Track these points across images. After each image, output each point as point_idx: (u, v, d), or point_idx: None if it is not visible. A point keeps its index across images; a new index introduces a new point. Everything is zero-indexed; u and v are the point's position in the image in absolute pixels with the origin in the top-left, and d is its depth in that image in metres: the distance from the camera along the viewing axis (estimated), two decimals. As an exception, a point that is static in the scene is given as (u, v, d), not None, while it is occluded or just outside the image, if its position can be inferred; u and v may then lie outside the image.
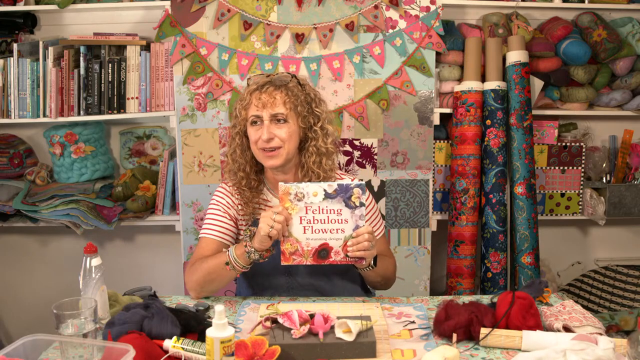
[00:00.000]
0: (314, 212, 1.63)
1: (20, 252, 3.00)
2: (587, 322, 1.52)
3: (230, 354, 1.26)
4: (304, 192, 1.62)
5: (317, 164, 1.81)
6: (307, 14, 2.57)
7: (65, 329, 1.36)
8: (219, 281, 1.77)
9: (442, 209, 2.81)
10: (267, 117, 1.75)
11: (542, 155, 2.81)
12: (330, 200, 1.62)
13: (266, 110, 1.75)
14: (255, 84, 1.79)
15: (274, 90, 1.77)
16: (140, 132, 2.88)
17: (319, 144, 1.81)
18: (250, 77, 1.84)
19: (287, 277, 1.86)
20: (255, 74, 1.85)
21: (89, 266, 1.53)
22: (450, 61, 2.68)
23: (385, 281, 1.89)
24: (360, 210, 1.63)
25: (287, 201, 1.63)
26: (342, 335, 1.43)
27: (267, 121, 1.75)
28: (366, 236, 1.63)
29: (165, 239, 2.93)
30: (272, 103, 1.75)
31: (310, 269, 1.84)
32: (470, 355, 1.45)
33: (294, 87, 1.79)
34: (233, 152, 1.86)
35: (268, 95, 1.75)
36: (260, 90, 1.77)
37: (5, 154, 2.77)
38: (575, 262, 3.08)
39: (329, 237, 1.64)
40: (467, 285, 2.69)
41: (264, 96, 1.75)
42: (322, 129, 1.82)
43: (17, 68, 2.59)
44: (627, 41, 2.74)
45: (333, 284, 1.87)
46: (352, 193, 1.62)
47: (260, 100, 1.75)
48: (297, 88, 1.80)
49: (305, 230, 1.64)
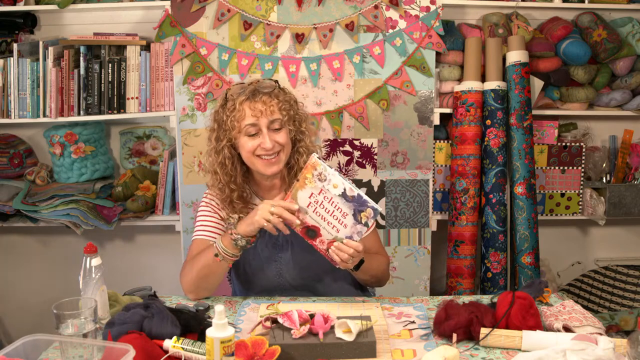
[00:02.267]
0: (325, 199, 1.64)
1: (20, 252, 3.00)
2: (587, 322, 1.52)
3: (230, 354, 1.26)
4: (328, 177, 1.63)
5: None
6: (307, 14, 2.57)
7: (65, 329, 1.36)
8: (212, 276, 1.75)
9: (442, 209, 2.81)
10: (265, 125, 1.75)
11: (542, 155, 2.81)
12: (344, 200, 1.63)
13: (264, 117, 1.75)
14: (242, 94, 1.76)
15: (267, 97, 1.76)
16: (140, 132, 2.88)
17: (307, 144, 1.85)
18: (228, 89, 1.82)
19: (279, 278, 1.85)
20: (233, 85, 1.84)
21: (89, 266, 1.53)
22: (450, 61, 2.68)
23: (376, 280, 1.89)
24: (362, 227, 1.65)
25: (310, 173, 1.64)
26: (342, 335, 1.43)
27: (265, 128, 1.75)
28: (351, 251, 1.64)
29: (165, 239, 2.93)
30: (268, 110, 1.75)
31: (300, 269, 1.84)
32: (470, 355, 1.45)
33: (280, 92, 1.80)
34: (221, 166, 1.81)
35: (262, 103, 1.75)
36: (252, 99, 1.75)
37: (5, 154, 2.77)
38: (575, 262, 3.08)
39: (324, 225, 1.65)
40: (467, 285, 2.69)
41: (258, 105, 1.75)
42: (307, 129, 1.86)
43: (17, 68, 2.59)
44: (627, 41, 2.74)
45: (324, 284, 1.87)
46: (364, 209, 1.63)
47: (256, 109, 1.74)
48: (281, 92, 1.81)
49: (310, 205, 1.65)
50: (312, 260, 1.82)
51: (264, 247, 1.85)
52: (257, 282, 1.87)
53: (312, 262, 1.82)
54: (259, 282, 1.87)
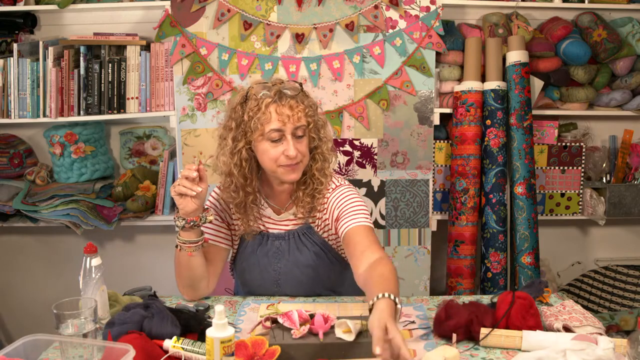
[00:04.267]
0: None
1: (20, 252, 3.00)
2: (587, 322, 1.52)
3: (230, 354, 1.26)
4: None
5: (320, 170, 1.75)
6: (307, 14, 2.57)
7: (65, 329, 1.36)
8: (188, 270, 1.70)
9: (442, 209, 2.81)
10: (290, 131, 1.64)
11: (542, 155, 2.81)
12: None
13: (289, 123, 1.63)
14: (268, 95, 1.64)
15: (294, 102, 1.65)
16: (140, 132, 2.88)
17: (323, 151, 1.75)
18: (251, 87, 1.69)
19: (276, 287, 1.82)
20: (257, 84, 1.69)
21: (89, 266, 1.53)
22: (450, 61, 2.68)
23: None
24: None
25: None
26: (342, 335, 1.43)
27: (289, 135, 1.64)
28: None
29: (165, 239, 2.93)
30: (295, 116, 1.64)
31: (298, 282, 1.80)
32: (470, 355, 1.45)
33: (304, 96, 1.69)
34: (238, 167, 1.69)
35: (289, 108, 1.63)
36: (279, 102, 1.63)
37: (5, 154, 2.77)
38: (575, 262, 3.08)
39: None
40: (467, 285, 2.69)
41: (285, 109, 1.63)
42: (325, 136, 1.76)
43: (17, 68, 2.59)
44: (627, 41, 2.74)
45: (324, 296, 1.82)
46: None
47: (283, 114, 1.62)
48: (306, 97, 1.70)
49: None
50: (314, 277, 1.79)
51: (262, 256, 1.81)
52: (255, 286, 1.86)
53: (313, 279, 1.79)
54: (257, 288, 1.85)
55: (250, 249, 1.82)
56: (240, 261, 1.86)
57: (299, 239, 1.79)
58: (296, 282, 1.80)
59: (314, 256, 1.78)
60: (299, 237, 1.79)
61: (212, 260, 1.79)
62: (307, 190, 1.74)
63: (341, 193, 1.75)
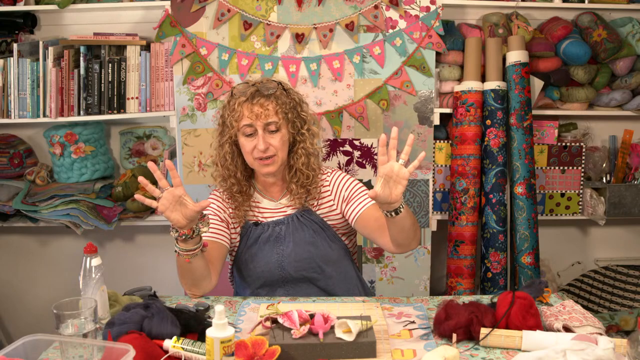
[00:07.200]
0: None
1: (20, 252, 3.00)
2: (587, 322, 1.52)
3: (230, 354, 1.26)
4: None
5: (306, 164, 1.87)
6: (307, 14, 2.57)
7: (65, 329, 1.36)
8: (189, 272, 1.75)
9: (442, 209, 2.81)
10: (261, 127, 1.79)
11: (542, 155, 2.81)
12: None
13: (259, 120, 1.78)
14: (243, 94, 1.80)
15: (265, 100, 1.79)
16: (140, 132, 2.88)
17: (306, 146, 1.87)
18: (235, 87, 1.86)
19: (280, 270, 1.88)
20: (239, 84, 1.88)
21: (89, 266, 1.53)
22: (450, 61, 2.68)
23: (413, 231, 1.74)
24: None
25: None
26: (342, 335, 1.43)
27: (260, 131, 1.79)
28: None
29: (165, 239, 2.93)
30: (264, 113, 1.78)
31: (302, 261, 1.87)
32: (470, 355, 1.45)
33: (281, 95, 1.83)
34: (223, 160, 1.89)
35: (260, 106, 1.78)
36: (251, 101, 1.79)
37: (5, 154, 2.77)
38: (575, 262, 3.08)
39: None
40: (467, 285, 2.69)
41: (255, 107, 1.78)
42: (308, 131, 1.88)
43: (17, 68, 2.59)
44: (627, 41, 2.74)
45: (326, 275, 1.89)
46: None
47: (253, 112, 1.78)
48: (283, 95, 1.83)
49: None
50: (314, 253, 1.87)
51: (264, 242, 1.88)
52: (259, 275, 1.90)
53: (314, 255, 1.87)
54: (260, 275, 1.89)
55: (252, 240, 1.90)
56: (243, 254, 1.92)
57: (298, 220, 1.90)
58: (299, 259, 1.87)
59: (312, 233, 1.89)
60: (298, 218, 1.90)
61: (213, 257, 1.82)
62: (298, 182, 1.88)
63: (342, 177, 1.93)
